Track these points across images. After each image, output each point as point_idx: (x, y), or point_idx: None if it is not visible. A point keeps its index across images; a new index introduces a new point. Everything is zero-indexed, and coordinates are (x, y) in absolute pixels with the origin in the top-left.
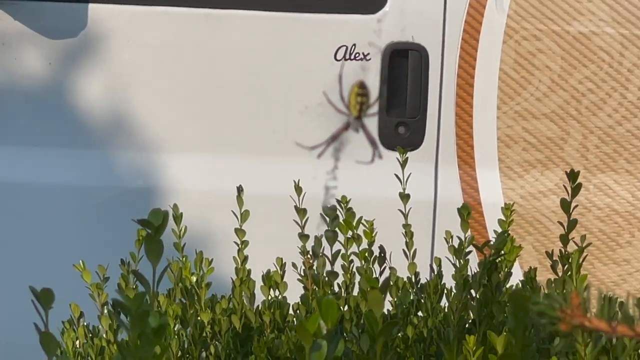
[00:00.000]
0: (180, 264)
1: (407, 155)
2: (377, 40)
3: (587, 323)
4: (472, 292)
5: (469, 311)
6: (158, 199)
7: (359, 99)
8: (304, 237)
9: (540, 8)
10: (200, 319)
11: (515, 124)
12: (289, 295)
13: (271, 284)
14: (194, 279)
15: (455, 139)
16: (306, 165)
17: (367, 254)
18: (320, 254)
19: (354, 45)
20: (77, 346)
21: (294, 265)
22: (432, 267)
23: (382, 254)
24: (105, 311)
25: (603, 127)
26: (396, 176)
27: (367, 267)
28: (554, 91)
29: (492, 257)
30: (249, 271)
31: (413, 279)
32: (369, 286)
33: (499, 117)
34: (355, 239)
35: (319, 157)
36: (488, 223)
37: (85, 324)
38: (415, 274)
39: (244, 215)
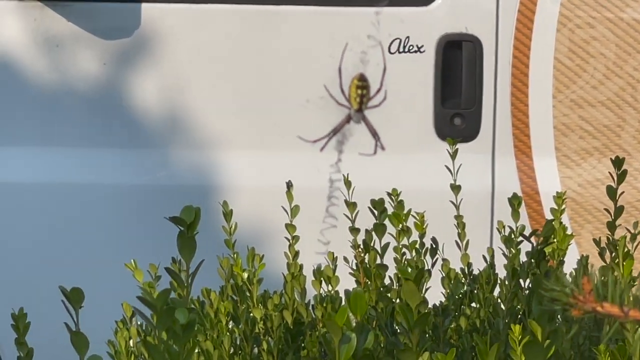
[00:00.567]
0: (232, 261)
1: (456, 146)
2: (431, 32)
3: (599, 308)
4: (522, 281)
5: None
6: (215, 196)
7: (359, 92)
8: (354, 230)
9: None
10: (253, 315)
11: (572, 112)
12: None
13: (322, 278)
14: (245, 275)
15: (512, 128)
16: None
17: (417, 245)
18: (366, 247)
19: (408, 37)
20: (131, 345)
21: (345, 259)
22: (485, 258)
23: (433, 246)
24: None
25: None
26: (446, 167)
27: (417, 259)
28: (609, 78)
29: (541, 246)
30: (301, 266)
31: (466, 270)
32: (403, 278)
33: (554, 106)
34: (404, 231)
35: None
36: (547, 212)
37: (138, 323)
38: (468, 264)
39: (294, 211)
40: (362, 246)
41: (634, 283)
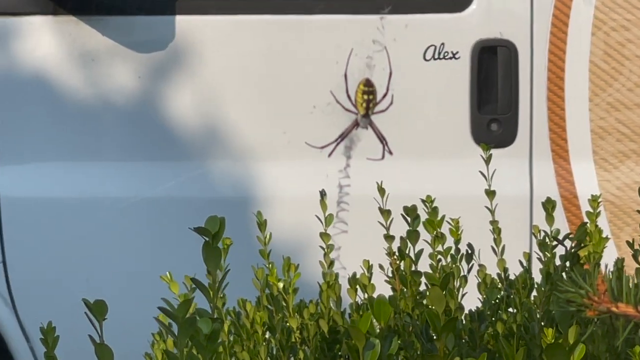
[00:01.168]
0: (267, 271)
1: (491, 152)
2: (466, 38)
3: (614, 309)
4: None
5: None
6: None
7: (365, 97)
8: (389, 238)
9: None
10: (289, 324)
11: (608, 115)
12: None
13: (358, 285)
14: (281, 285)
15: (549, 133)
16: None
17: (452, 251)
18: (400, 254)
19: (442, 44)
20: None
21: (381, 267)
22: (521, 262)
23: (469, 252)
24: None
25: None
26: (481, 173)
27: (453, 264)
28: None
29: (574, 249)
30: (337, 275)
31: (502, 275)
32: (430, 283)
33: (591, 109)
34: (439, 237)
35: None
36: (585, 216)
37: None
38: (504, 269)
39: (329, 219)
40: (397, 253)
41: None
